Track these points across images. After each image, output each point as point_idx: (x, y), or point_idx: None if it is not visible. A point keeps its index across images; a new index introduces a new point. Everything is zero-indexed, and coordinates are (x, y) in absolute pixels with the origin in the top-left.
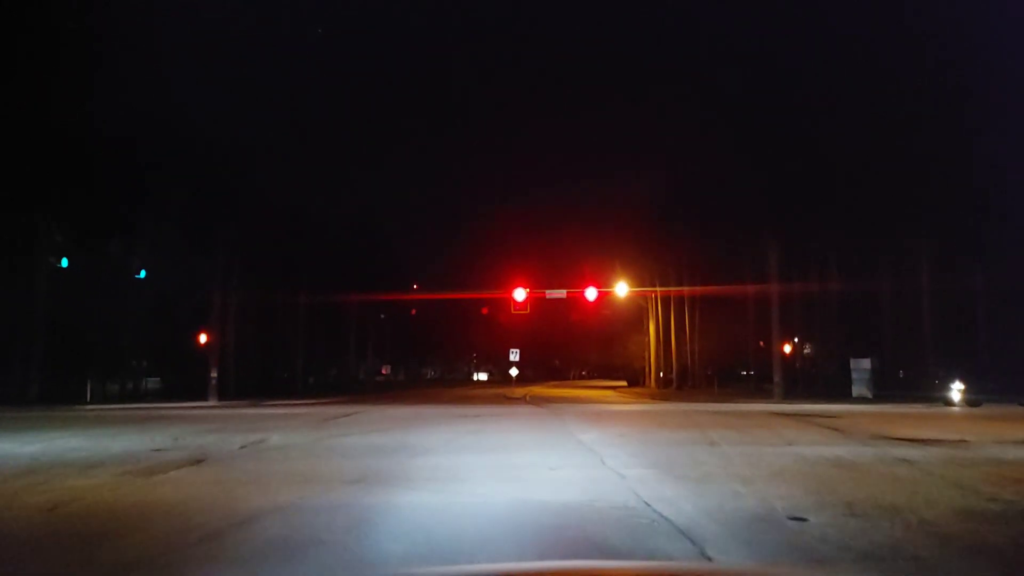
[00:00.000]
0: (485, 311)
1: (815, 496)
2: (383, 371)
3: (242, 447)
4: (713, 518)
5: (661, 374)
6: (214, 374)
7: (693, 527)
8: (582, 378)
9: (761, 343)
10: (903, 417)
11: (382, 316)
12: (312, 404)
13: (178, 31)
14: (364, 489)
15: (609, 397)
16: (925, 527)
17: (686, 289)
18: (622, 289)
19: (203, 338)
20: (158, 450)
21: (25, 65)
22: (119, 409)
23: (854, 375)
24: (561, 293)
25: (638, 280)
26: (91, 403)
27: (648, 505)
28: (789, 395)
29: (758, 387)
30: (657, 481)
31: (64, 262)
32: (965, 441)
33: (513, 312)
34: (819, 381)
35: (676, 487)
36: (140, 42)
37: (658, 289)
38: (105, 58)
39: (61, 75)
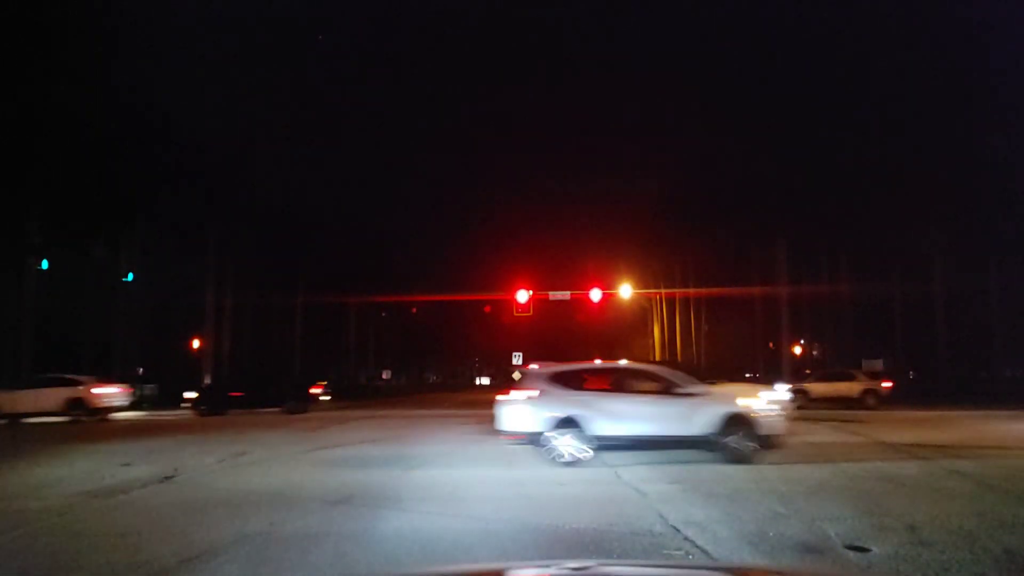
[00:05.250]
0: (488, 309)
1: (869, 517)
2: (384, 376)
3: (220, 460)
4: (757, 548)
5: None
6: (207, 380)
7: (736, 561)
8: None
9: (771, 344)
10: (920, 420)
11: (383, 314)
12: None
13: (174, 32)
14: (348, 512)
15: None
16: (1014, 559)
17: (692, 290)
18: (626, 290)
19: (197, 343)
20: (127, 464)
21: (12, 62)
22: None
23: None
24: (565, 295)
25: (643, 281)
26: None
27: (677, 531)
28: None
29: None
30: (683, 499)
31: (44, 264)
32: (1007, 448)
33: (516, 314)
34: None
35: (706, 507)
36: (135, 42)
37: (663, 290)
38: (98, 57)
39: (51, 74)
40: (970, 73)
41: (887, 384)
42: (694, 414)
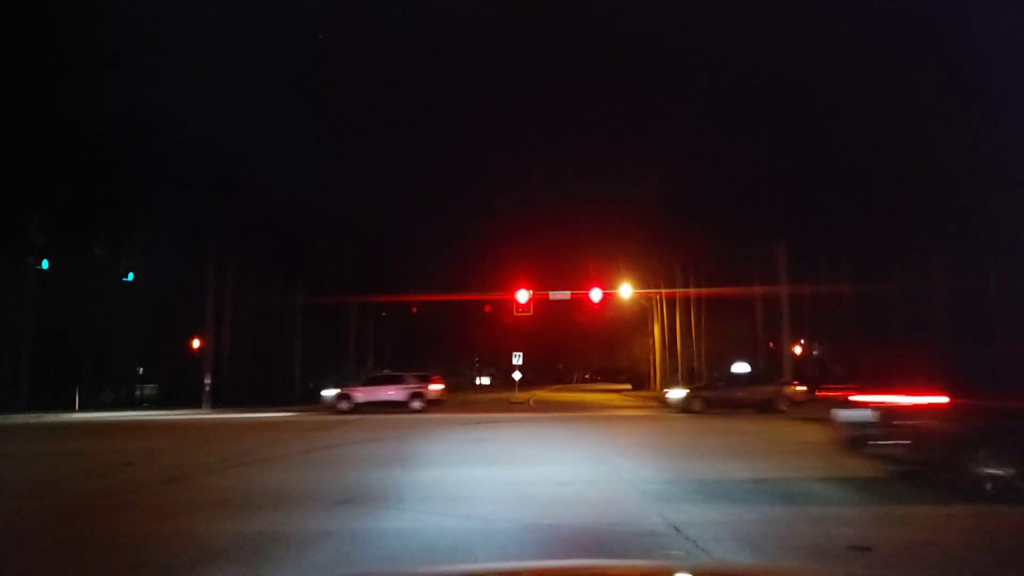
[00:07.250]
0: (488, 309)
1: (871, 517)
2: None
3: (223, 460)
4: (760, 549)
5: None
6: (208, 380)
7: (736, 561)
8: (585, 381)
9: (771, 344)
10: None
11: (383, 314)
12: (308, 411)
13: (175, 32)
14: (349, 512)
15: (616, 401)
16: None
17: (692, 290)
18: (626, 290)
19: (197, 343)
20: (129, 464)
21: (13, 62)
22: (108, 417)
23: None
24: (565, 294)
25: (643, 281)
26: (81, 410)
27: (678, 531)
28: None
29: None
30: (683, 499)
31: (44, 264)
32: None
33: (516, 314)
34: (830, 383)
35: (707, 507)
36: (137, 42)
37: (663, 290)
38: (100, 57)
39: (53, 74)
40: (971, 72)
41: (437, 387)
42: None
